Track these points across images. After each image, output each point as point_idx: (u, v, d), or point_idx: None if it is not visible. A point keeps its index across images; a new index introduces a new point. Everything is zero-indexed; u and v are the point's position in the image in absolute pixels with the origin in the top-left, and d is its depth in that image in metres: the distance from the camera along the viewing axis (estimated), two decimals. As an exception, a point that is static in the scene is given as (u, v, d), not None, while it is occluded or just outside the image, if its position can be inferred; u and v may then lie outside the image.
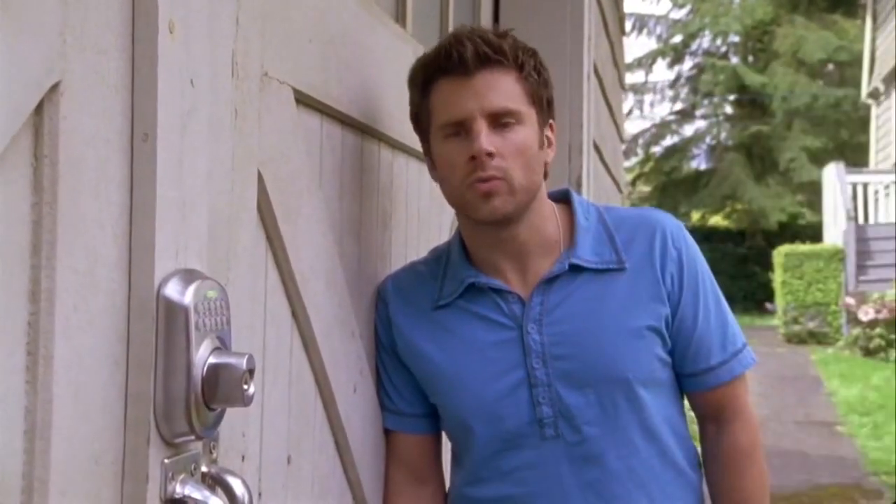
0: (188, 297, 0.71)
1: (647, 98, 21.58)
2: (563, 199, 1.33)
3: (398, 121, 1.43)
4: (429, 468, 1.36)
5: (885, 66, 13.66)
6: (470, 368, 1.27)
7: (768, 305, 14.61)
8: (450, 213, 1.81)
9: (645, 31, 20.72)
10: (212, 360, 0.72)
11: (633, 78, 20.52)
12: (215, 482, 0.77)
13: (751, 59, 20.15)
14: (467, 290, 1.27)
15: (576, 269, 1.25)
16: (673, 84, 21.13)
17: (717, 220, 21.31)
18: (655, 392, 1.26)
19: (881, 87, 14.42)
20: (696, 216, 21.25)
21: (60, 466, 0.62)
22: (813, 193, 17.68)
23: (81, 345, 0.65)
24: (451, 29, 1.92)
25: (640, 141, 21.02)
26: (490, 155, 1.17)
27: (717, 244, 19.93)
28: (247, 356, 0.74)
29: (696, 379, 1.30)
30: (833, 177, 12.64)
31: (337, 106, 1.19)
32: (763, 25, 19.37)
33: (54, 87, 0.62)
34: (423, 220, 1.62)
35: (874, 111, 15.10)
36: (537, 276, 1.26)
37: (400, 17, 1.61)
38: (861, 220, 11.97)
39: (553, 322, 1.25)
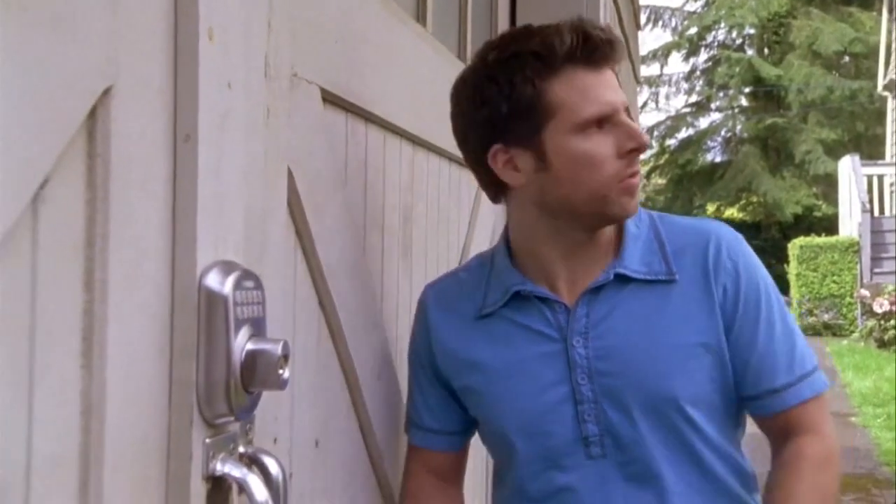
0: (227, 287, 0.76)
1: (663, 90, 21.55)
2: None
3: (419, 117, 1.47)
4: (452, 473, 1.32)
5: (901, 57, 13.57)
6: (513, 381, 1.20)
7: (783, 297, 14.60)
8: (468, 206, 1.85)
9: (660, 23, 20.70)
10: (249, 346, 0.77)
11: (648, 70, 20.49)
12: (251, 461, 0.82)
13: (766, 51, 20.09)
14: (512, 298, 1.21)
15: (623, 280, 1.18)
16: (688, 76, 21.11)
17: (732, 213, 21.26)
18: (708, 413, 1.17)
19: (898, 79, 14.33)
20: (711, 208, 21.22)
21: (113, 444, 0.67)
22: (828, 186, 17.62)
23: (130, 331, 0.69)
24: (469, 27, 1.96)
25: (656, 133, 20.98)
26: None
27: (732, 237, 19.87)
28: (282, 342, 0.78)
29: (759, 402, 1.19)
30: (848, 169, 12.59)
31: (361, 104, 1.23)
32: (778, 17, 19.30)
33: (106, 92, 0.66)
34: (442, 213, 1.67)
35: (890, 103, 15.00)
36: (585, 284, 1.19)
37: (420, 17, 1.66)
38: (876, 212, 11.93)
39: (599, 335, 1.17)
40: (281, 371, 0.78)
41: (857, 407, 7.31)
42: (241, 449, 0.81)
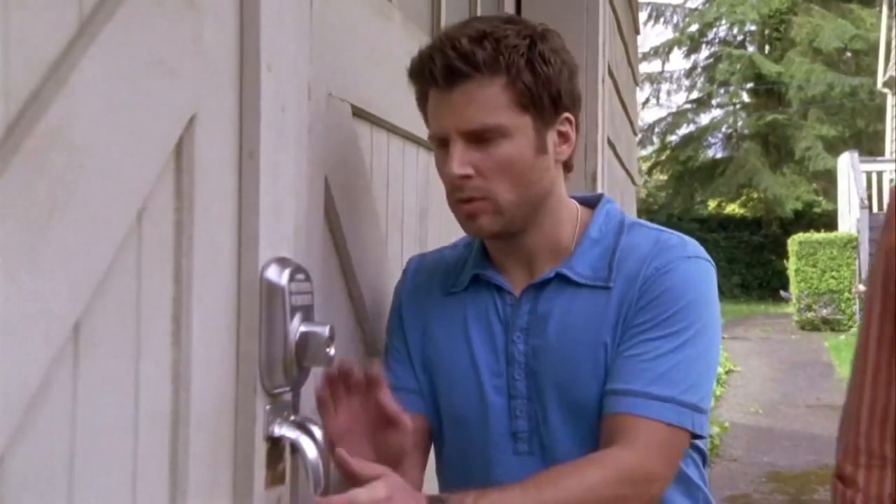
0: (283, 279, 0.91)
1: (664, 87, 21.67)
2: (593, 204, 1.25)
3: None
4: (422, 443, 1.23)
5: (900, 54, 13.69)
6: (460, 364, 1.21)
7: (783, 293, 14.73)
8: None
9: (662, 20, 20.82)
10: (302, 328, 0.92)
11: (649, 67, 20.60)
12: (300, 427, 0.96)
13: (767, 48, 20.20)
14: (473, 281, 1.22)
15: (566, 280, 1.17)
16: (689, 73, 21.22)
17: (733, 209, 21.40)
18: None
19: (897, 76, 14.46)
20: (712, 204, 21.35)
21: (195, 406, 0.82)
22: (828, 182, 17.74)
23: (208, 315, 0.84)
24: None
25: (657, 130, 21.11)
26: (468, 177, 1.11)
27: (734, 232, 20.02)
28: (328, 326, 0.93)
29: (604, 399, 1.14)
30: (847, 165, 12.73)
31: (384, 116, 1.38)
32: (779, 14, 19.42)
33: (191, 119, 0.81)
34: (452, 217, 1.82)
35: (890, 100, 15.13)
36: (535, 279, 1.19)
37: (434, 31, 1.81)
38: (875, 208, 12.06)
39: (538, 334, 1.17)
40: (328, 350, 0.93)
41: (853, 399, 7.46)
42: (292, 417, 0.96)
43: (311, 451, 0.91)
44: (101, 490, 0.71)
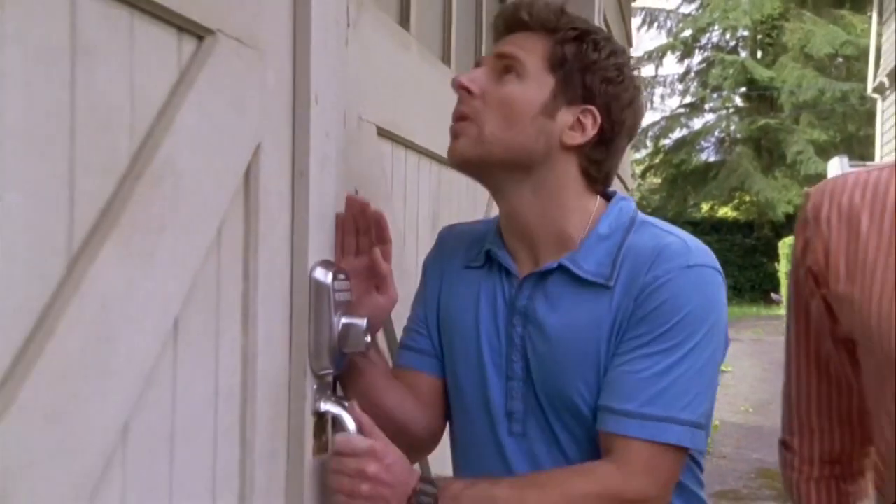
0: (329, 279, 1.08)
1: (658, 91, 21.86)
2: (609, 198, 1.23)
3: (444, 140, 1.79)
4: (429, 398, 1.25)
5: (889, 61, 13.90)
6: (467, 340, 1.22)
7: (774, 296, 14.92)
8: (482, 210, 2.17)
9: (655, 25, 21.02)
10: (344, 320, 1.09)
11: (643, 72, 20.77)
12: (340, 404, 1.13)
13: (759, 53, 20.41)
14: (487, 259, 1.23)
15: (568, 273, 1.15)
16: (683, 77, 21.41)
17: (725, 212, 21.59)
18: None
19: (886, 82, 14.66)
20: (705, 207, 21.54)
21: (260, 384, 0.99)
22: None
23: (269, 309, 1.01)
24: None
25: (650, 133, 21.30)
26: (468, 92, 1.15)
27: (726, 235, 20.21)
28: (365, 319, 1.10)
29: (598, 415, 1.12)
30: (837, 169, 12.92)
31: (402, 134, 1.55)
32: (771, 20, 19.63)
33: (257, 148, 0.98)
34: (461, 216, 1.99)
35: (879, 105, 15.34)
36: (537, 266, 1.18)
37: (446, 58, 1.98)
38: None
39: (537, 321, 1.16)
40: (365, 338, 1.09)
41: (840, 399, 7.65)
42: (334, 396, 1.13)
43: (350, 424, 1.08)
44: (192, 453, 0.88)
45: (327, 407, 1.09)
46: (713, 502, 5.22)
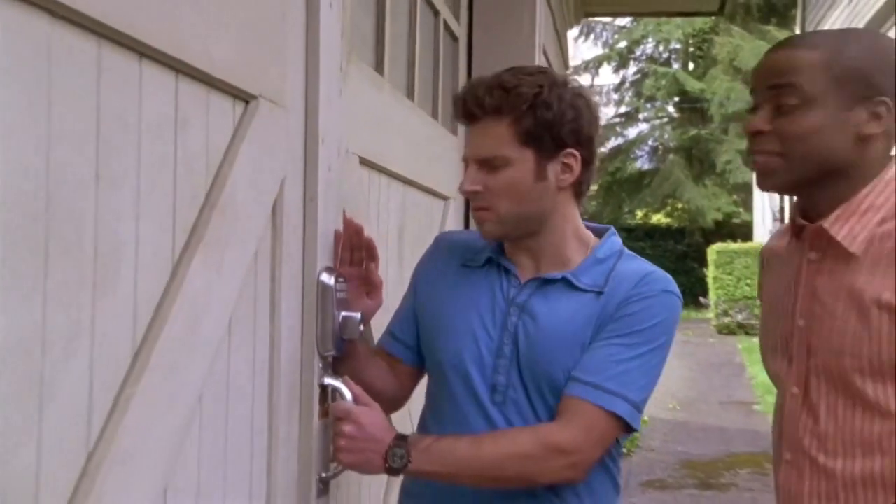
0: (332, 281, 1.38)
1: (594, 100, 22.41)
2: (601, 233, 1.52)
3: (410, 164, 2.11)
4: (400, 378, 1.56)
5: (811, 76, 14.60)
6: (467, 323, 1.45)
7: (702, 300, 15.55)
8: (438, 224, 2.49)
9: (592, 36, 21.60)
10: (343, 314, 1.39)
11: (581, 81, 21.33)
12: (339, 379, 1.44)
13: (691, 65, 21.12)
14: (487, 262, 1.49)
15: (569, 284, 1.42)
16: (618, 88, 22.00)
17: (658, 218, 22.23)
18: None
19: (808, 96, 15.37)
20: (639, 214, 22.15)
21: (281, 364, 1.29)
22: (747, 194, 18.74)
23: (288, 305, 1.31)
24: (440, 93, 2.61)
25: (587, 141, 21.82)
26: (476, 192, 1.41)
27: (659, 241, 20.82)
28: (360, 313, 1.41)
29: (568, 381, 1.39)
30: (762, 180, 13.56)
31: (379, 162, 1.86)
32: (702, 34, 20.34)
33: (282, 181, 1.28)
34: (422, 230, 2.31)
35: (802, 118, 16.04)
36: (541, 274, 1.45)
37: (410, 92, 2.30)
38: (787, 220, 12.88)
39: (532, 314, 1.42)
40: (360, 328, 1.40)
41: (760, 396, 8.17)
42: (334, 373, 1.44)
43: (347, 393, 1.39)
44: (239, 413, 1.18)
45: (330, 381, 1.40)
46: (641, 491, 5.63)
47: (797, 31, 16.93)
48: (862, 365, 1.31)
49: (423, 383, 1.59)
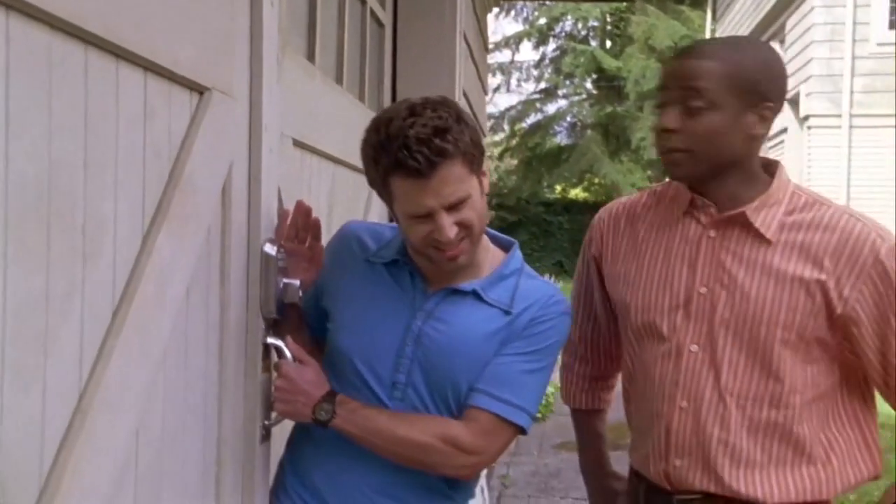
0: (274, 251, 1.56)
1: (515, 76, 22.75)
2: (506, 246, 1.64)
3: (338, 144, 2.28)
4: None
5: (721, 57, 15.15)
6: (370, 320, 1.57)
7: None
8: (363, 200, 2.68)
9: (513, 12, 21.85)
10: (284, 280, 1.57)
11: (501, 57, 21.61)
12: (280, 338, 1.61)
13: (608, 43, 21.58)
14: (393, 263, 1.60)
15: (478, 297, 1.56)
16: (538, 64, 22.35)
17: (576, 193, 22.74)
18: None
19: (719, 76, 15.94)
20: (558, 189, 22.64)
21: (231, 324, 1.46)
22: (660, 170, 19.32)
23: (236, 273, 1.48)
24: (367, 77, 2.78)
25: (507, 117, 22.19)
26: (453, 240, 1.46)
27: (577, 215, 21.30)
28: (299, 280, 1.59)
29: (468, 393, 1.54)
30: (674, 157, 14.05)
31: (311, 143, 2.03)
32: (619, 12, 20.79)
33: (231, 164, 1.45)
34: (350, 205, 2.49)
35: (713, 97, 16.62)
36: (450, 284, 1.56)
37: (339, 77, 2.47)
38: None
39: (437, 319, 1.55)
40: (299, 293, 1.58)
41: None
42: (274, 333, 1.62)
43: (287, 352, 1.57)
44: (195, 366, 1.35)
45: (272, 340, 1.58)
46: (554, 453, 5.94)
47: (709, 12, 17.50)
48: (780, 333, 1.59)
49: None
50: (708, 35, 17.19)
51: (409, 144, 1.41)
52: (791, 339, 1.58)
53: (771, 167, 1.67)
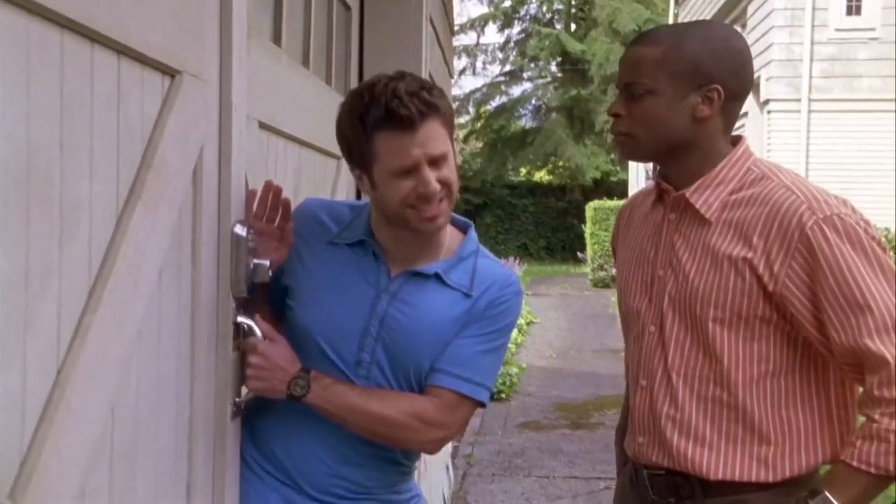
0: (244, 232, 1.59)
1: (480, 58, 22.77)
2: (462, 227, 1.70)
3: (304, 126, 2.31)
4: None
5: (684, 41, 15.30)
6: (333, 300, 1.62)
7: (580, 254, 16.20)
8: (331, 181, 2.70)
9: (477, -5, 21.82)
10: (254, 261, 1.60)
11: (466, 39, 21.58)
12: (250, 317, 1.64)
13: (573, 27, 21.66)
14: (358, 244, 1.64)
15: (440, 280, 1.61)
16: (503, 47, 22.40)
17: (541, 176, 22.89)
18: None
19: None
20: (522, 171, 22.76)
21: (202, 303, 1.49)
22: (624, 153, 19.48)
23: (207, 253, 1.51)
24: (333, 61, 2.80)
25: (473, 99, 22.21)
26: (437, 191, 1.52)
27: (541, 198, 21.46)
28: (269, 260, 1.62)
29: (430, 373, 1.61)
30: (637, 140, 14.21)
31: (276, 125, 2.06)
32: (584, -5, 20.89)
33: (202, 147, 1.48)
34: (317, 185, 2.52)
35: (675, 81, 16.78)
36: (413, 267, 1.62)
37: (305, 60, 2.49)
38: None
39: (401, 301, 1.60)
40: (270, 273, 1.62)
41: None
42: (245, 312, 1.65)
43: (257, 330, 1.61)
44: (168, 345, 1.38)
45: (242, 319, 1.61)
46: (518, 432, 6.05)
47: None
48: (713, 312, 1.61)
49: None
50: (671, 19, 17.32)
51: (399, 95, 1.48)
52: (725, 317, 1.58)
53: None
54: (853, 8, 11.81)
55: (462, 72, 22.18)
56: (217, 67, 1.54)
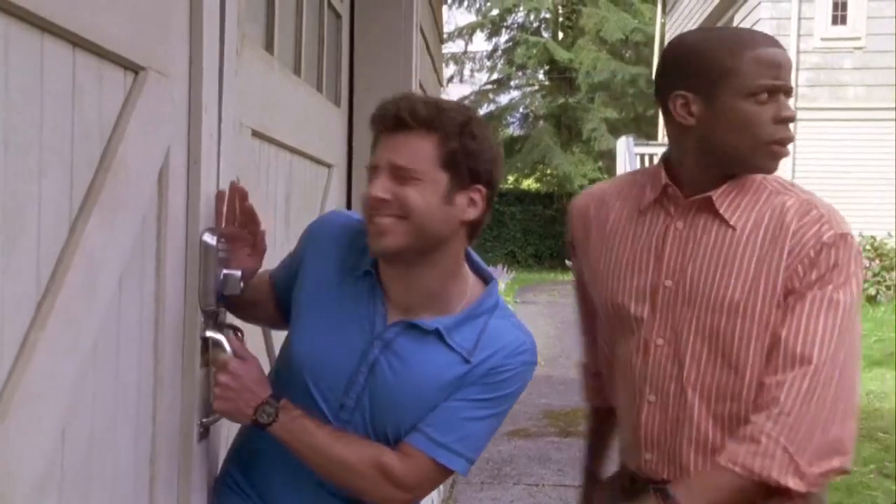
0: (214, 241, 1.49)
1: (468, 66, 22.75)
2: (486, 279, 1.53)
3: (296, 135, 2.22)
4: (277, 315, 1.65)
5: (671, 50, 15.30)
6: (328, 337, 1.50)
7: (568, 262, 16.14)
8: (321, 189, 2.62)
9: (465, 3, 21.82)
10: (225, 271, 1.51)
11: (454, 47, 21.56)
12: (220, 331, 1.55)
13: (560, 35, 21.68)
14: (365, 274, 1.51)
15: (440, 336, 1.46)
16: (491, 55, 22.39)
17: (528, 184, 22.87)
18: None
19: (669, 69, 16.09)
20: (510, 179, 22.72)
21: (167, 317, 1.40)
22: (611, 161, 19.45)
23: (173, 263, 1.42)
24: (324, 70, 2.71)
25: (460, 106, 22.13)
26: (384, 201, 1.39)
27: (529, 206, 21.43)
28: (240, 271, 1.52)
29: (415, 429, 1.46)
30: (624, 148, 14.20)
31: (269, 133, 1.97)
32: (571, 4, 20.91)
33: (168, 149, 1.38)
34: (307, 194, 2.43)
35: (663, 90, 16.79)
36: (414, 316, 1.47)
37: (297, 69, 2.40)
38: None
39: (393, 354, 1.47)
40: (241, 284, 1.52)
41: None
42: (214, 327, 1.55)
43: (227, 345, 1.51)
44: (128, 361, 1.28)
45: (211, 333, 1.51)
46: (507, 440, 5.95)
47: (659, 5, 17.64)
48: (739, 323, 1.54)
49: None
50: (658, 29, 17.34)
51: (397, 99, 1.43)
52: (753, 330, 1.54)
53: None
54: (839, 17, 11.83)
55: (450, 79, 22.13)
56: (186, 64, 1.45)
